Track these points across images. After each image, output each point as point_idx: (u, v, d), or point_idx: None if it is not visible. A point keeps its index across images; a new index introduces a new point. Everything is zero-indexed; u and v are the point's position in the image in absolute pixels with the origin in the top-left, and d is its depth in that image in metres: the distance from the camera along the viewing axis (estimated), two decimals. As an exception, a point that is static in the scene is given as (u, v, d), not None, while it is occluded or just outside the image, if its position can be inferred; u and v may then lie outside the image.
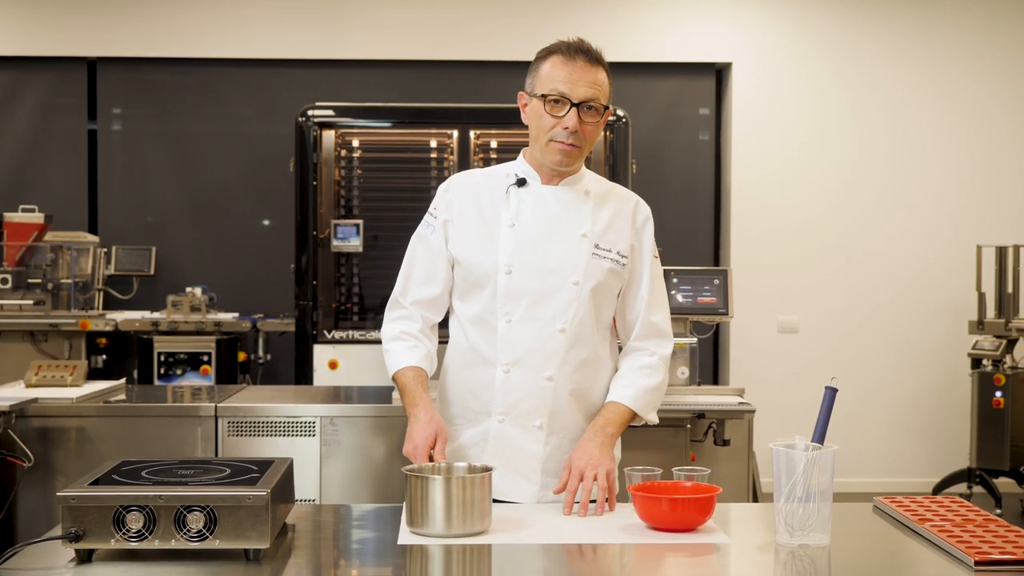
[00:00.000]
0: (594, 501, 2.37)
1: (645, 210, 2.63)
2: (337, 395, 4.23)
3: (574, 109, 2.46)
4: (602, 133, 5.96)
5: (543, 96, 2.48)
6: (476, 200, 2.58)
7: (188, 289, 6.37)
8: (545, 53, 2.52)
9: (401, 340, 2.57)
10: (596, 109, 2.48)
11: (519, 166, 2.60)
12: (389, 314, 2.63)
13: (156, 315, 6.30)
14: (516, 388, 2.50)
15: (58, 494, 1.89)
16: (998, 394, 6.14)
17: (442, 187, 2.63)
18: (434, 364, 2.59)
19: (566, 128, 2.47)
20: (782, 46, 7.01)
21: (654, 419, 2.59)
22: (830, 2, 7.00)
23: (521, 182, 2.57)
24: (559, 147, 2.50)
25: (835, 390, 2.11)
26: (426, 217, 2.62)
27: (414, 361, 2.54)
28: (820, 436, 2.08)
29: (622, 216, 2.59)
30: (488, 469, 2.20)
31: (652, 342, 2.60)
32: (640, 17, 6.95)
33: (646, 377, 2.56)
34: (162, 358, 6.09)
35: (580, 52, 2.48)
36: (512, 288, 2.50)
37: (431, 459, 2.36)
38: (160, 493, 1.90)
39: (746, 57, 6.99)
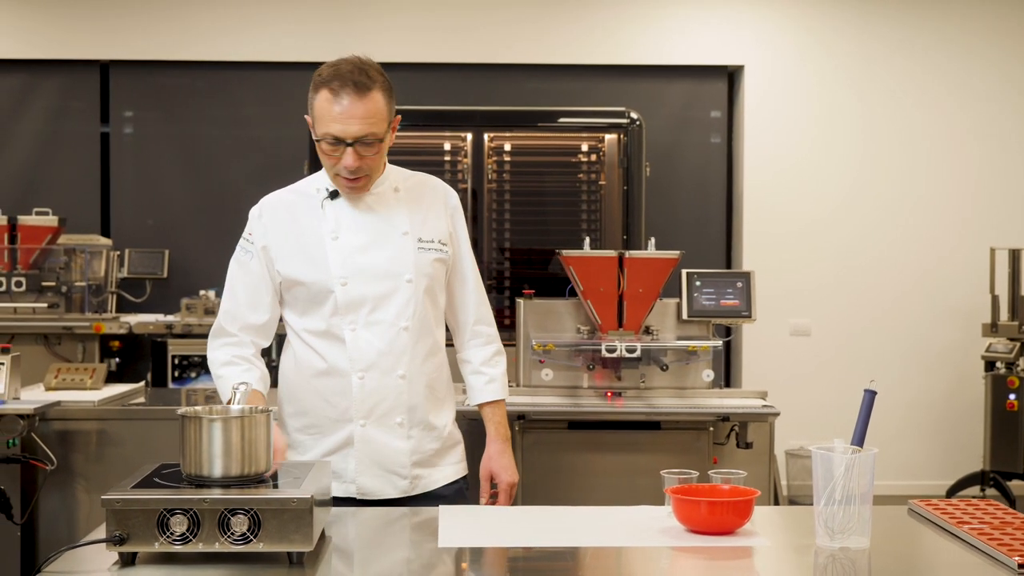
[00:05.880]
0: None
1: (454, 196, 2.74)
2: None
3: (350, 149, 2.46)
4: (616, 136, 6.00)
5: (318, 140, 2.48)
6: (292, 219, 2.60)
7: (201, 292, 6.36)
8: (317, 82, 2.48)
9: (235, 364, 2.56)
10: (372, 143, 2.47)
11: (327, 179, 2.60)
12: (215, 341, 2.61)
13: (170, 318, 6.29)
14: (373, 391, 2.55)
15: (103, 497, 1.89)
16: (1012, 396, 6.14)
17: (254, 211, 2.64)
18: (267, 387, 2.59)
19: (347, 167, 2.48)
20: (794, 49, 7.01)
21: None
22: (842, 5, 7.00)
23: (334, 194, 2.59)
24: (346, 183, 2.54)
25: (874, 393, 2.11)
26: (241, 242, 2.63)
27: (252, 382, 2.49)
28: (860, 439, 2.08)
29: (435, 204, 2.68)
30: (267, 411, 2.09)
31: (484, 326, 2.75)
32: (652, 20, 6.95)
33: (498, 364, 2.77)
34: (176, 361, 6.09)
35: (346, 86, 2.44)
36: (350, 297, 2.54)
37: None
38: (204, 496, 1.90)
39: (758, 60, 6.99)
